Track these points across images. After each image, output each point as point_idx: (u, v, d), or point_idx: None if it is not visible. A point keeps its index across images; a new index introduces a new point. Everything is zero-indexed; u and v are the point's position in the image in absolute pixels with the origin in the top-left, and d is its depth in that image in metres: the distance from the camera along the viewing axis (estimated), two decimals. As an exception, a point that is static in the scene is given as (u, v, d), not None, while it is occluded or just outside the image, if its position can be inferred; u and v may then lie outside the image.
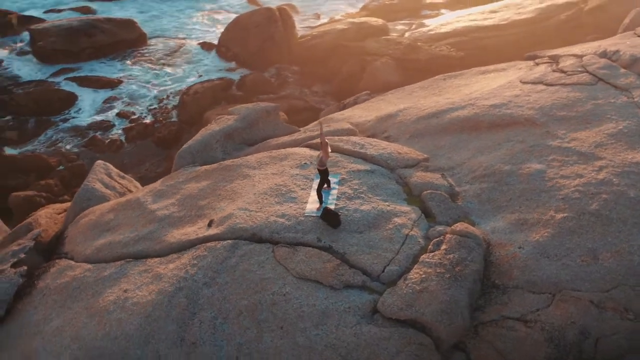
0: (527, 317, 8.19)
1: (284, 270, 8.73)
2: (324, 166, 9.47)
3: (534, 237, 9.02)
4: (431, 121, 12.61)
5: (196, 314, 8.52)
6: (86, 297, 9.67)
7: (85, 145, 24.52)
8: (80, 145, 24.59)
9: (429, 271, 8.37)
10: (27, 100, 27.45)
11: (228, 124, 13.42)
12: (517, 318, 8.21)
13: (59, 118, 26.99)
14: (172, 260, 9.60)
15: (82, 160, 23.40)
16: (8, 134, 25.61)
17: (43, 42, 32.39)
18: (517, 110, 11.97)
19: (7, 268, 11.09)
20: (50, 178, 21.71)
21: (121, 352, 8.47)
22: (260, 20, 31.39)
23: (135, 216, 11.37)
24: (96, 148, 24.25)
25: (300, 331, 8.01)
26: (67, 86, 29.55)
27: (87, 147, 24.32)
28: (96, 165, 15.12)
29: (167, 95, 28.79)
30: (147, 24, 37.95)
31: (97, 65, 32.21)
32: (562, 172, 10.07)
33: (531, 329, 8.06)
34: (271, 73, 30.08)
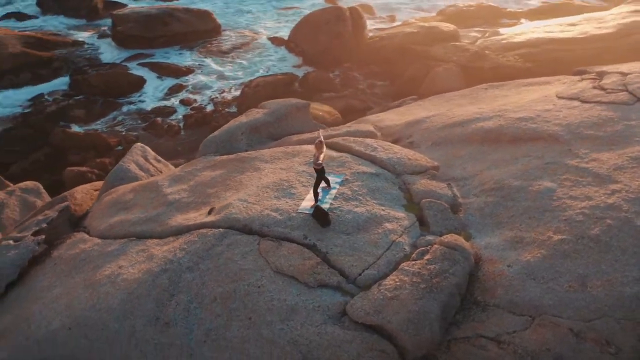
0: (502, 337, 7.95)
1: (264, 263, 8.90)
2: (319, 165, 9.56)
3: (525, 257, 8.73)
4: (455, 130, 12.41)
5: (174, 296, 8.84)
6: (87, 270, 10.22)
7: (145, 129, 25.65)
8: (141, 128, 25.75)
9: (404, 279, 8.30)
10: (99, 81, 29.02)
11: (256, 117, 13.74)
12: (491, 338, 7.98)
13: (126, 100, 28.37)
14: (167, 242, 9.99)
15: (140, 142, 24.41)
16: (76, 112, 27.18)
17: (122, 27, 34.16)
18: (543, 125, 11.58)
19: (27, 235, 11.88)
20: (107, 157, 22.88)
21: (102, 324, 8.91)
22: (329, 18, 31.72)
23: (150, 198, 11.87)
24: (155, 132, 25.31)
25: (266, 324, 8.15)
26: (138, 71, 31.02)
27: (147, 131, 25.42)
28: (134, 147, 15.85)
29: (231, 87, 29.63)
30: (224, 16, 39.13)
31: (170, 52, 33.63)
32: (572, 192, 9.68)
33: (503, 351, 7.82)
34: (336, 72, 30.31)
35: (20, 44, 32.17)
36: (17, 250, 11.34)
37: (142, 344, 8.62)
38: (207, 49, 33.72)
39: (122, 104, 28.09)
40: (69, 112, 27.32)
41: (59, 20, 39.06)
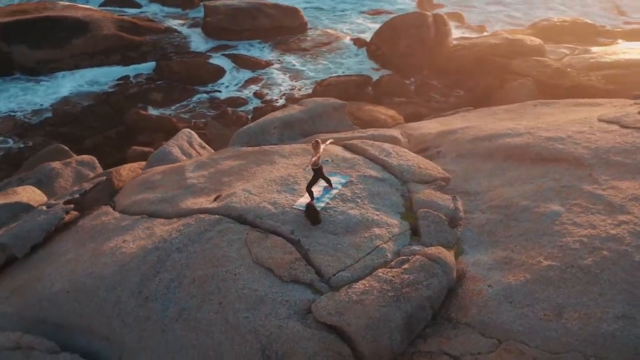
0: (465, 357, 7.77)
1: (246, 253, 9.16)
2: (316, 166, 9.68)
3: (508, 279, 8.46)
4: (483, 143, 12.11)
5: (159, 273, 9.28)
6: (99, 241, 10.89)
7: (214, 117, 26.62)
8: (211, 117, 26.74)
9: (374, 285, 8.29)
10: (180, 68, 30.43)
11: (291, 113, 14.02)
12: (455, 356, 7.82)
13: (203, 89, 29.56)
14: (170, 223, 10.47)
15: (208, 130, 25.45)
16: (155, 95, 28.65)
17: (211, 18, 35.58)
18: (570, 146, 11.08)
19: (59, 203, 12.79)
20: (172, 140, 23.89)
21: (93, 291, 9.51)
22: (412, 23, 31.58)
23: (174, 180, 12.44)
24: (224, 121, 26.23)
25: (233, 310, 8.40)
26: (219, 61, 32.22)
27: (216, 119, 26.38)
28: (181, 131, 16.59)
29: (304, 84, 30.15)
30: (312, 14, 39.79)
31: (254, 46, 34.66)
32: (577, 218, 9.24)
33: (462, 371, 7.67)
34: (413, 78, 30.11)
35: (115, 27, 34.27)
36: (46, 215, 12.21)
37: (124, 314, 9.12)
38: (289, 45, 34.47)
39: (198, 91, 29.30)
40: (149, 95, 28.84)
41: (158, 7, 41.15)
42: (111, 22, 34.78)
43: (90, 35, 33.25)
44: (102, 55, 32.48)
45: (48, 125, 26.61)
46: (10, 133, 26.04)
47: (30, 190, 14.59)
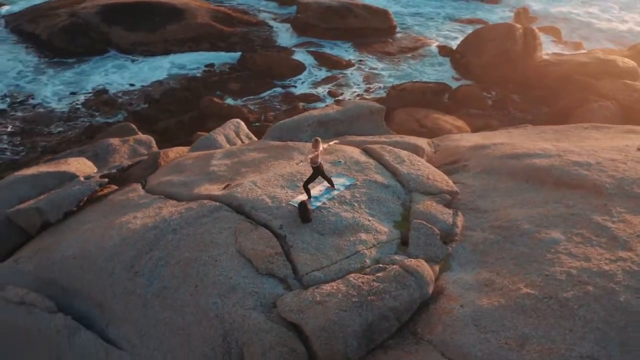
0: (418, 374, 7.67)
1: (232, 242, 9.42)
2: (315, 163, 9.76)
3: (482, 302, 8.20)
4: (510, 161, 11.70)
5: (152, 251, 9.73)
6: (117, 215, 11.54)
7: (285, 112, 27.14)
8: (282, 111, 27.29)
9: (342, 289, 8.30)
10: (263, 61, 31.25)
11: (327, 112, 14.15)
12: (410, 372, 7.73)
13: (280, 83, 30.20)
14: (178, 205, 10.92)
15: (275, 123, 25.95)
16: (233, 85, 29.61)
17: (302, 15, 36.23)
18: (595, 173, 10.48)
19: (96, 176, 13.60)
20: (239, 129, 24.64)
21: (93, 260, 10.14)
22: (498, 34, 30.66)
23: (200, 166, 12.93)
24: (292, 115, 26.62)
25: (206, 295, 8.69)
26: (301, 57, 32.78)
27: (286, 114, 26.88)
28: (230, 121, 17.14)
29: (380, 87, 30.07)
30: (406, 17, 39.51)
31: (338, 45, 34.92)
32: (575, 248, 8.78)
33: (412, 387, 7.56)
34: (494, 91, 29.24)
35: (209, 16, 35.67)
36: (80, 186, 13.05)
37: (115, 285, 9.66)
38: (373, 47, 34.44)
39: (275, 85, 29.94)
40: (227, 84, 29.84)
41: (256, 1, 42.28)
42: (206, 11, 36.22)
43: (184, 23, 34.78)
44: (192, 42, 33.91)
45: (131, 104, 28.17)
46: (98, 107, 27.78)
47: (81, 162, 15.55)
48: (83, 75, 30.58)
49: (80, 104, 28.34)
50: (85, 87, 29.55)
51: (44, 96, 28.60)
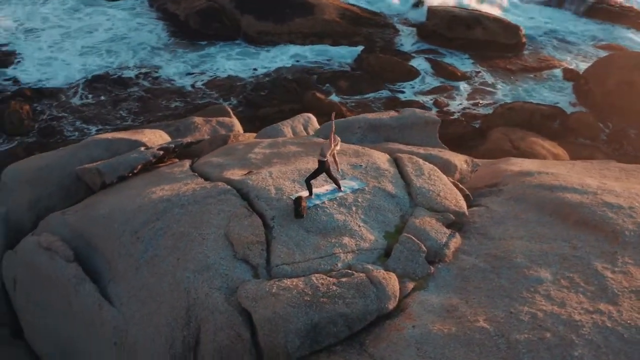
0: (349, 384, 7.66)
1: (224, 224, 9.86)
2: (324, 157, 9.84)
3: (434, 327, 7.98)
4: (541, 192, 11.05)
5: (157, 221, 10.44)
6: (154, 185, 12.33)
7: (384, 116, 27.05)
8: (381, 114, 27.24)
9: (299, 286, 8.44)
10: (377, 63, 31.50)
11: (380, 117, 14.11)
12: (343, 380, 7.74)
13: (390, 86, 30.21)
14: (199, 183, 11.51)
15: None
16: (343, 83, 30.11)
17: (428, 22, 35.85)
18: (620, 218, 9.67)
19: (154, 148, 14.59)
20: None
21: (113, 221, 11.09)
22: (628, 63, 28.42)
23: (244, 152, 13.47)
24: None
25: (182, 269, 9.24)
26: (418, 63, 32.50)
27: (383, 117, 26.80)
28: (302, 115, 17.57)
29: (490, 103, 29.07)
30: (537, 34, 37.70)
31: (458, 56, 34.11)
32: (555, 292, 8.24)
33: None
34: (611, 121, 27.20)
35: (337, 14, 36.36)
36: (137, 155, 14.11)
37: (121, 246, 10.51)
38: (494, 62, 33.13)
39: (385, 87, 29.99)
40: (337, 81, 30.35)
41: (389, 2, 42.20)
42: (335, 8, 36.94)
43: (311, 18, 35.72)
44: (315, 37, 34.78)
45: (244, 89, 29.55)
46: (215, 88, 29.48)
47: (156, 134, 16.70)
48: (208, 57, 32.48)
49: (201, 84, 30.15)
50: (209, 68, 31.35)
51: (169, 72, 30.74)
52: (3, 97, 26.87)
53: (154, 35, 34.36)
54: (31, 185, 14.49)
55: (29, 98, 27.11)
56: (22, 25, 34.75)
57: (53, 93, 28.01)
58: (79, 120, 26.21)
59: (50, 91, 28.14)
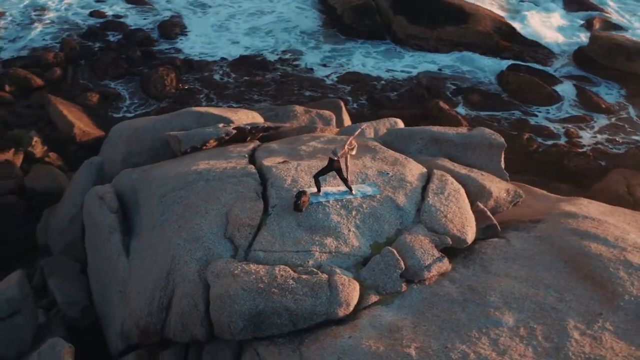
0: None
1: (231, 203, 10.31)
2: (335, 156, 9.93)
3: (367, 342, 7.99)
4: (569, 237, 10.15)
5: (181, 189, 11.37)
6: (206, 158, 12.99)
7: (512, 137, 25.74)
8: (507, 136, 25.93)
9: (260, 273, 8.77)
10: (515, 80, 30.01)
11: (445, 131, 13.69)
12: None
13: (523, 108, 28.70)
14: (239, 164, 12.02)
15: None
16: (475, 96, 29.16)
17: (586, 47, 33.31)
18: (630, 281, 8.73)
19: (230, 127, 15.38)
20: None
21: (153, 184, 12.09)
22: None
23: (300, 143, 13.76)
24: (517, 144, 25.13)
25: (178, 236, 10.01)
26: (563, 88, 30.36)
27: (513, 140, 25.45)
28: (388, 118, 17.56)
29: (625, 142, 26.49)
30: None
31: (610, 87, 31.30)
32: (505, 339, 7.80)
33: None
34: None
35: (492, 27, 34.95)
36: (212, 130, 15.03)
37: (150, 207, 11.62)
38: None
39: (518, 108, 28.52)
40: (470, 94, 29.40)
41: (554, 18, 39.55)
42: (491, 21, 35.60)
43: (464, 27, 34.82)
44: (463, 47, 33.88)
45: (376, 89, 29.71)
46: (349, 84, 30.03)
47: (249, 115, 17.60)
48: (350, 52, 33.05)
49: (335, 76, 30.84)
50: (346, 62, 31.96)
51: (310, 60, 31.76)
52: (157, 64, 29.35)
53: (309, 24, 35.57)
54: (127, 142, 16.00)
55: (177, 67, 29.34)
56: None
57: (201, 66, 30.08)
58: (213, 95, 28.05)
59: (199, 64, 30.24)
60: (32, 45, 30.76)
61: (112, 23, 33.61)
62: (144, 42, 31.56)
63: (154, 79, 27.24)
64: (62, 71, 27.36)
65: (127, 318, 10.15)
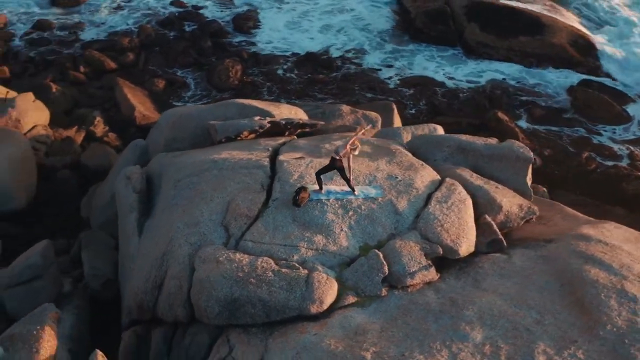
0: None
1: (234, 193, 10.57)
2: (337, 155, 9.95)
3: (328, 341, 8.08)
4: (575, 260, 9.62)
5: (195, 176, 11.69)
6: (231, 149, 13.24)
7: (570, 156, 24.75)
8: (565, 154, 24.96)
9: (243, 262, 9.03)
10: (583, 98, 28.71)
11: (474, 141, 13.34)
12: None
13: (588, 125, 27.45)
14: (257, 156, 12.24)
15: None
16: (539, 110, 28.12)
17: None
18: (619, 311, 8.26)
19: (265, 120, 15.59)
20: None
21: (172, 168, 12.41)
22: None
23: (326, 141, 13.79)
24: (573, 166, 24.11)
25: (179, 219, 10.44)
26: (636, 109, 28.87)
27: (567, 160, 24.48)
28: (428, 124, 17.29)
29: None
30: None
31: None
32: (466, 355, 7.69)
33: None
34: None
35: (568, 39, 33.47)
36: (246, 122, 15.30)
37: (166, 189, 12.06)
38: None
39: (582, 125, 27.30)
40: (535, 108, 28.28)
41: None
42: (568, 34, 34.05)
43: (539, 38, 33.58)
44: (534, 58, 32.71)
45: (436, 95, 29.24)
46: (414, 91, 29.59)
47: (292, 111, 17.80)
48: (417, 56, 32.64)
49: (397, 79, 30.50)
50: (411, 66, 31.53)
51: (374, 61, 31.62)
52: (226, 55, 29.95)
53: (381, 25, 35.28)
54: (171, 128, 16.56)
55: (244, 60, 29.79)
56: (275, -6, 37.63)
57: (267, 60, 30.43)
58: (275, 89, 28.38)
59: (266, 58, 30.60)
60: (113, 30, 32.11)
61: (190, 13, 34.45)
62: (216, 33, 32.20)
63: (219, 70, 27.88)
64: (135, 56, 28.43)
65: (130, 294, 10.59)
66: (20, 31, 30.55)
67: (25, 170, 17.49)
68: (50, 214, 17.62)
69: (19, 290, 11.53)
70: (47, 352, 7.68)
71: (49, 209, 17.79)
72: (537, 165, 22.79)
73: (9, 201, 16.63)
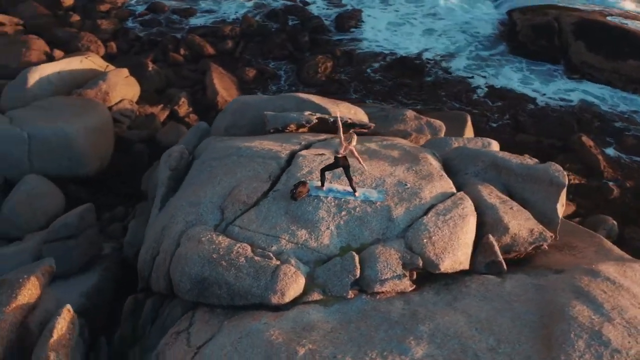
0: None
1: (241, 179, 10.84)
2: (338, 153, 9.94)
3: (270, 331, 8.17)
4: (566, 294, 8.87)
5: (218, 160, 12.12)
6: (270, 139, 13.58)
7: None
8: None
9: (222, 246, 9.44)
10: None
11: (507, 159, 12.65)
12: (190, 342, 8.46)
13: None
14: (283, 148, 12.42)
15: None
16: (630, 139, 26.04)
17: None
18: (587, 356, 7.57)
19: (314, 116, 15.68)
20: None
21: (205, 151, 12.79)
22: None
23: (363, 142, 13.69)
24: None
25: (186, 198, 10.93)
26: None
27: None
28: (481, 138, 16.65)
29: None
30: None
31: None
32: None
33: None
34: None
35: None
36: (295, 116, 15.44)
37: (194, 169, 12.32)
38: None
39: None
40: (626, 136, 26.40)
41: None
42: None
43: (646, 60, 31.20)
44: (638, 85, 30.38)
45: (523, 112, 27.68)
46: (500, 105, 28.33)
47: (351, 110, 17.73)
48: (511, 69, 31.28)
49: (487, 90, 29.18)
50: (502, 78, 30.17)
51: (461, 69, 30.24)
52: (320, 52, 30.16)
53: (485, 33, 34.22)
54: (233, 114, 17.19)
55: (336, 57, 29.89)
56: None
57: (359, 60, 30.35)
58: (361, 89, 28.29)
59: (358, 58, 30.53)
60: (221, 17, 33.38)
61: (296, 8, 35.08)
62: (316, 29, 32.59)
63: (309, 65, 28.28)
64: (233, 44, 29.52)
65: (139, 262, 11.18)
66: (137, 11, 32.67)
67: (102, 140, 18.78)
68: (118, 183, 18.83)
69: (55, 245, 12.48)
70: (25, 298, 8.33)
71: (119, 178, 19.05)
72: (612, 196, 21.30)
73: (83, 167, 17.94)
